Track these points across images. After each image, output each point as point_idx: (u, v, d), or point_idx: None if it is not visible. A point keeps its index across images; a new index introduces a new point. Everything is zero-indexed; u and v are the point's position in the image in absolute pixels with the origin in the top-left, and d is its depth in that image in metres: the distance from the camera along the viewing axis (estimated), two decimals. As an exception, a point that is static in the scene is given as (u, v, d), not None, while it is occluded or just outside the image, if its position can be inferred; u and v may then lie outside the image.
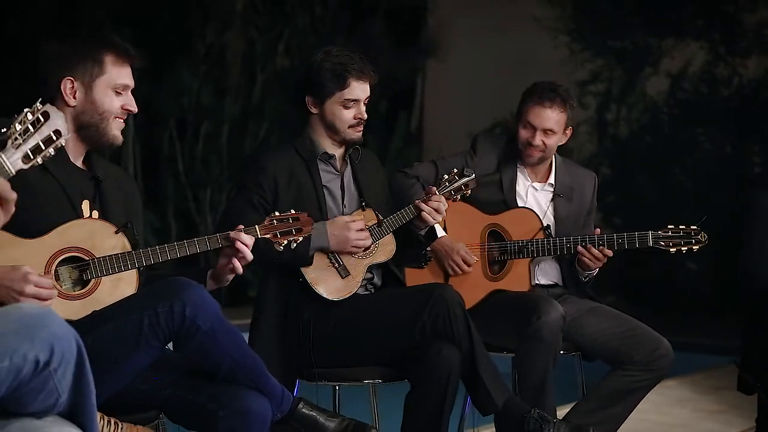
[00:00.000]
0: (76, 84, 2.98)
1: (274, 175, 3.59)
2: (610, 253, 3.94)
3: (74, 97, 2.98)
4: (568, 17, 10.18)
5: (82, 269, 2.88)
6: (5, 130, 2.18)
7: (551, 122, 4.00)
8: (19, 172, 2.20)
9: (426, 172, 4.06)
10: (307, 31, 9.94)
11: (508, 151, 4.13)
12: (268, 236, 3.13)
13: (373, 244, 3.61)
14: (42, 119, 2.22)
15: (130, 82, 3.04)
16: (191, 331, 2.71)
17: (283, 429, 2.96)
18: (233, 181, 9.10)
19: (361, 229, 3.57)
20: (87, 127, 3.01)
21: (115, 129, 3.03)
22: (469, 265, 3.96)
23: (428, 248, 3.90)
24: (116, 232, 2.94)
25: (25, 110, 2.21)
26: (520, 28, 10.19)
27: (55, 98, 2.99)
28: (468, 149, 4.20)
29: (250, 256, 3.03)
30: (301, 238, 3.18)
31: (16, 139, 2.18)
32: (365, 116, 3.67)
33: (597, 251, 3.92)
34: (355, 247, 3.56)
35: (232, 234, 3.02)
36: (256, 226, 3.11)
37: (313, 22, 10.00)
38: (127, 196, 3.16)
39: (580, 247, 3.95)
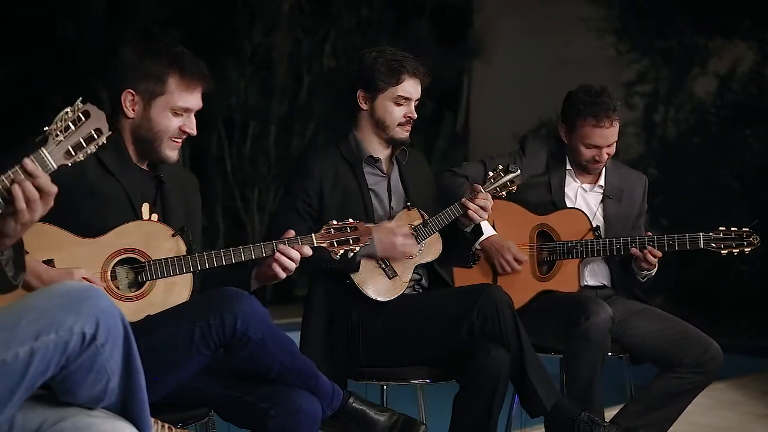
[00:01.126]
0: (136, 98, 2.98)
1: (320, 179, 3.60)
2: (659, 254, 3.92)
3: (133, 110, 2.99)
4: (615, 17, 10.11)
5: (137, 271, 2.91)
6: (47, 128, 2.20)
7: (612, 137, 4.01)
8: (61, 167, 2.23)
9: (475, 171, 4.05)
10: (353, 32, 9.97)
11: (557, 152, 4.12)
12: (324, 245, 3.14)
13: (419, 243, 3.61)
14: (83, 117, 2.24)
15: (194, 105, 3.01)
16: (242, 342, 2.74)
17: (333, 424, 2.98)
18: (280, 181, 9.15)
19: (407, 234, 3.56)
20: (142, 142, 3.02)
21: (168, 149, 3.01)
22: (519, 263, 3.95)
23: (477, 247, 3.90)
24: (173, 236, 2.97)
25: (67, 109, 2.23)
26: (566, 28, 10.14)
27: (117, 107, 3.02)
28: (517, 149, 4.19)
29: (293, 268, 3.05)
30: (358, 248, 3.18)
31: (57, 135, 2.21)
32: (415, 116, 3.68)
33: (650, 254, 3.90)
34: (402, 253, 3.56)
35: (281, 247, 3.03)
36: (313, 234, 3.11)
37: (359, 23, 10.02)
38: (188, 198, 3.18)
39: (634, 249, 3.93)
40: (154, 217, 3.03)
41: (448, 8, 10.42)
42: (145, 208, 3.02)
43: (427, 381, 3.60)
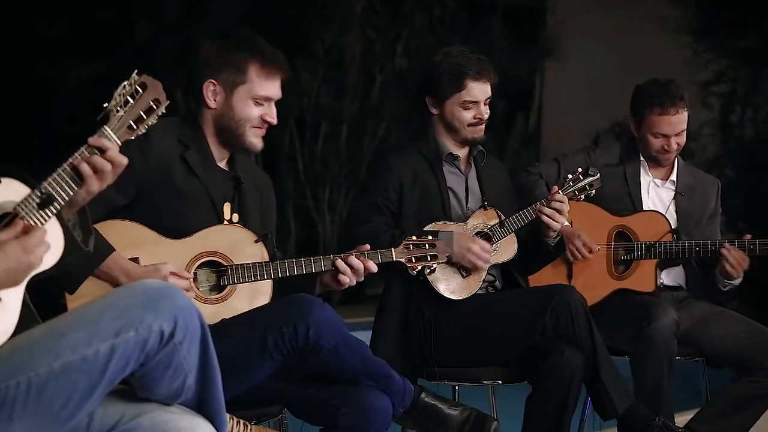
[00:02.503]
0: (217, 88, 3.03)
1: (399, 176, 3.61)
2: (747, 261, 3.87)
3: (215, 100, 3.04)
4: (692, 16, 9.96)
5: (219, 274, 2.94)
6: (106, 104, 2.22)
7: (681, 125, 4.00)
8: (125, 143, 2.24)
9: (549, 170, 4.05)
10: (425, 32, 9.95)
11: (630, 146, 4.12)
12: (402, 260, 3.15)
13: (494, 243, 3.60)
14: (140, 90, 2.24)
15: (274, 94, 3.05)
16: (315, 350, 2.76)
17: (406, 419, 2.99)
18: (351, 181, 9.18)
19: (486, 248, 3.54)
20: (225, 131, 3.06)
21: (252, 137, 3.05)
22: (590, 251, 3.90)
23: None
24: (256, 242, 3.00)
25: (123, 83, 2.24)
26: (640, 27, 10.02)
27: (199, 98, 3.06)
28: (590, 144, 4.20)
29: (353, 282, 3.06)
30: (435, 266, 3.19)
31: (117, 111, 2.22)
32: (485, 116, 3.67)
33: (739, 254, 3.84)
34: (471, 263, 3.53)
35: (355, 263, 3.03)
36: (393, 249, 3.14)
37: (432, 23, 10.00)
38: (263, 199, 3.21)
39: (724, 250, 3.87)
40: (235, 217, 3.07)
41: (521, 8, 10.36)
42: (227, 207, 3.07)
43: (499, 382, 3.60)
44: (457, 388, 3.61)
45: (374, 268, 3.07)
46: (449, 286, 3.55)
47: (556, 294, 3.46)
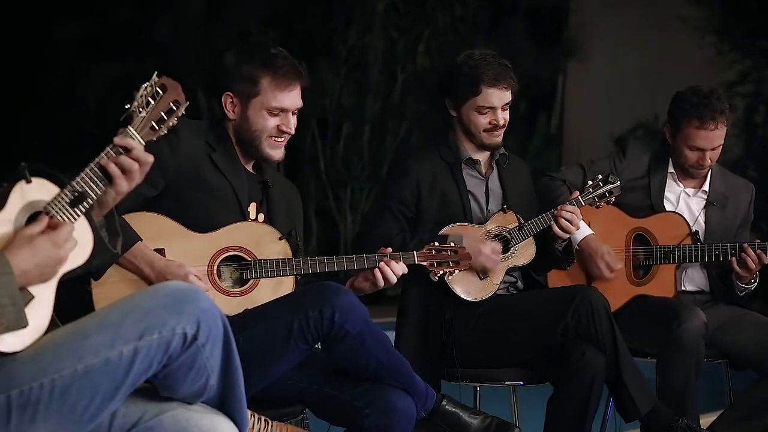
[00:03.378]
0: (234, 99, 3.07)
1: (417, 180, 3.60)
2: (766, 259, 3.84)
3: (233, 112, 3.08)
4: (716, 17, 9.90)
5: (243, 269, 2.97)
6: (128, 105, 2.25)
7: (719, 140, 3.91)
8: (149, 143, 2.28)
9: (573, 176, 3.99)
10: (447, 32, 9.94)
11: (660, 155, 4.05)
12: (424, 264, 3.16)
13: (512, 247, 3.59)
14: (160, 91, 2.28)
15: (289, 105, 3.07)
16: (340, 336, 2.77)
17: (426, 425, 2.99)
18: (373, 181, 9.18)
19: (496, 250, 3.53)
20: (243, 142, 3.10)
21: (269, 148, 3.08)
22: (612, 271, 3.88)
23: (576, 247, 3.83)
24: (280, 239, 3.02)
25: (144, 84, 2.28)
26: (664, 27, 9.97)
27: (221, 109, 3.10)
28: (617, 151, 4.13)
29: (381, 285, 3.09)
30: (457, 272, 3.21)
31: (140, 112, 2.25)
32: (501, 122, 3.61)
33: (750, 259, 3.81)
34: (483, 264, 3.51)
35: (382, 266, 3.06)
36: (414, 252, 3.16)
37: (454, 22, 9.99)
38: (290, 206, 3.24)
39: (732, 260, 3.84)
40: (261, 217, 3.11)
41: (544, 7, 10.33)
42: (252, 207, 3.11)
43: (521, 383, 3.59)
44: (478, 389, 3.60)
45: (404, 270, 3.10)
46: (466, 287, 3.54)
47: (578, 295, 3.44)
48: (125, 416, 2.15)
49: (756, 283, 3.95)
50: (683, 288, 4.02)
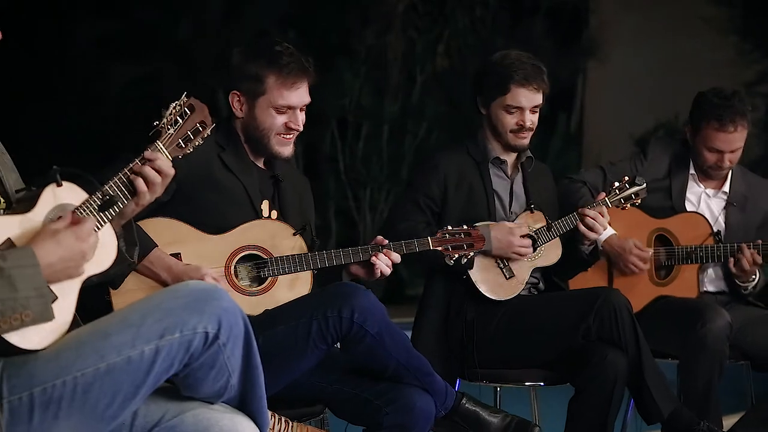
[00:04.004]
0: (241, 98, 3.07)
1: (445, 175, 3.60)
2: (759, 260, 3.82)
3: (241, 110, 3.08)
4: (738, 17, 9.86)
5: (259, 267, 2.97)
6: (157, 122, 2.31)
7: (738, 143, 3.89)
8: (174, 159, 2.34)
9: (593, 177, 3.98)
10: (466, 32, 9.93)
11: (681, 156, 4.03)
12: (439, 249, 3.15)
13: (539, 247, 3.58)
14: (188, 111, 2.35)
15: (296, 102, 3.07)
16: (359, 336, 2.77)
17: (446, 424, 2.98)
18: (392, 181, 9.18)
19: (525, 236, 3.53)
20: (252, 140, 3.10)
21: (278, 145, 3.09)
22: (645, 262, 3.86)
23: (600, 247, 3.82)
24: (294, 234, 3.03)
25: (174, 103, 2.34)
26: (684, 28, 9.94)
27: (229, 108, 3.10)
28: (637, 152, 4.12)
29: (377, 276, 3.09)
30: (472, 254, 3.21)
31: (168, 129, 2.32)
32: (529, 123, 3.60)
33: (749, 254, 3.80)
34: (516, 253, 3.53)
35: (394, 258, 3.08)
36: (429, 237, 3.17)
37: (473, 23, 9.97)
38: (302, 199, 3.24)
39: (730, 261, 3.82)
40: (273, 214, 3.10)
41: (564, 8, 10.30)
42: (265, 205, 3.11)
43: (542, 384, 3.58)
44: (498, 389, 3.59)
45: (397, 259, 3.11)
46: (492, 287, 3.54)
47: (600, 296, 3.43)
48: (147, 415, 2.16)
49: (757, 282, 3.92)
50: (705, 289, 4.01)
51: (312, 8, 9.34)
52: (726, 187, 4.03)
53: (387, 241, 3.11)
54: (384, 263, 3.07)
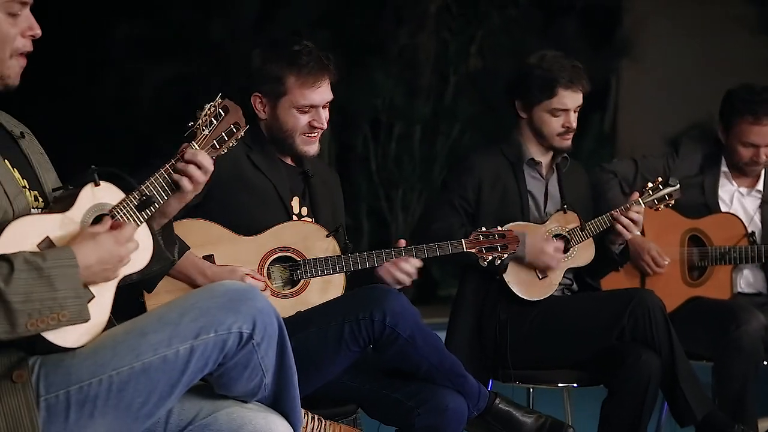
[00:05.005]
0: (263, 100, 3.07)
1: (480, 176, 3.60)
2: None
3: (263, 112, 3.08)
4: (770, 15, 9.77)
5: (292, 269, 2.98)
6: (191, 123, 2.33)
7: None
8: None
9: (625, 169, 3.99)
10: (499, 32, 9.90)
11: (713, 153, 4.02)
12: (473, 251, 3.15)
13: (572, 247, 3.57)
14: (222, 113, 2.36)
15: (319, 101, 3.06)
16: (391, 339, 2.77)
17: (479, 424, 2.97)
18: (425, 181, 9.18)
19: (558, 248, 3.51)
20: (276, 140, 3.10)
21: (303, 145, 3.09)
22: (659, 266, 3.84)
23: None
24: (327, 236, 3.03)
25: (208, 105, 2.35)
26: (719, 27, 9.86)
27: (252, 110, 3.10)
28: (671, 150, 4.11)
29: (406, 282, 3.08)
30: (506, 256, 3.20)
31: (203, 131, 2.34)
32: (574, 125, 3.61)
33: None
34: (546, 263, 3.51)
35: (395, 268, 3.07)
36: (462, 240, 3.16)
37: (506, 23, 9.94)
38: (332, 195, 3.25)
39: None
40: (304, 210, 3.11)
41: (598, 7, 10.24)
42: (295, 201, 3.11)
43: (575, 385, 3.57)
44: (531, 390, 3.58)
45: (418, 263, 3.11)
46: (525, 287, 3.53)
47: (634, 297, 3.42)
48: (181, 413, 2.18)
49: None
50: (740, 290, 3.98)
51: (345, 9, 9.35)
52: (760, 185, 4.02)
53: (404, 243, 3.11)
54: (404, 272, 3.06)
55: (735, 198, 4.02)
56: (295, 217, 3.10)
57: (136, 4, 8.85)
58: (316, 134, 3.09)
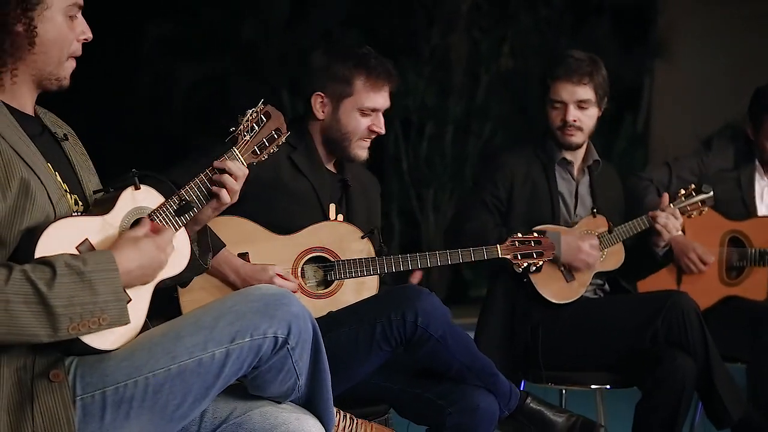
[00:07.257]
0: (325, 100, 3.07)
1: (511, 174, 3.59)
2: None
3: (323, 112, 3.08)
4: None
5: (326, 270, 2.99)
6: (233, 129, 2.36)
7: None
8: (249, 166, 2.38)
9: (660, 175, 3.98)
10: (531, 32, 9.87)
11: (746, 150, 4.02)
12: (508, 257, 3.14)
13: (602, 251, 3.54)
14: (264, 119, 2.39)
15: (381, 105, 3.07)
16: (423, 339, 2.77)
17: (511, 424, 2.97)
18: (456, 181, 9.16)
19: (595, 245, 3.49)
20: (331, 142, 3.11)
21: (358, 149, 3.10)
22: (705, 264, 3.82)
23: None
24: (362, 238, 3.03)
25: (251, 110, 2.39)
26: (753, 27, 9.78)
27: (308, 108, 3.10)
28: (702, 147, 4.10)
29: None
30: (541, 263, 3.19)
31: (244, 136, 2.37)
32: (571, 119, 3.55)
33: None
34: (584, 261, 3.49)
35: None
36: (498, 246, 3.15)
37: (538, 23, 9.92)
38: (369, 201, 3.25)
39: None
40: (340, 217, 3.12)
41: (630, 7, 10.18)
42: (332, 208, 3.12)
43: (608, 387, 3.55)
44: (564, 392, 3.56)
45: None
46: (553, 290, 3.51)
47: (669, 300, 3.40)
48: (215, 412, 2.19)
49: None
50: (774, 294, 3.95)
51: (376, 9, 9.35)
52: None
53: (420, 274, 3.16)
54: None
55: (765, 193, 4.01)
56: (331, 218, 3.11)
57: (167, 5, 8.90)
58: (371, 139, 3.11)
